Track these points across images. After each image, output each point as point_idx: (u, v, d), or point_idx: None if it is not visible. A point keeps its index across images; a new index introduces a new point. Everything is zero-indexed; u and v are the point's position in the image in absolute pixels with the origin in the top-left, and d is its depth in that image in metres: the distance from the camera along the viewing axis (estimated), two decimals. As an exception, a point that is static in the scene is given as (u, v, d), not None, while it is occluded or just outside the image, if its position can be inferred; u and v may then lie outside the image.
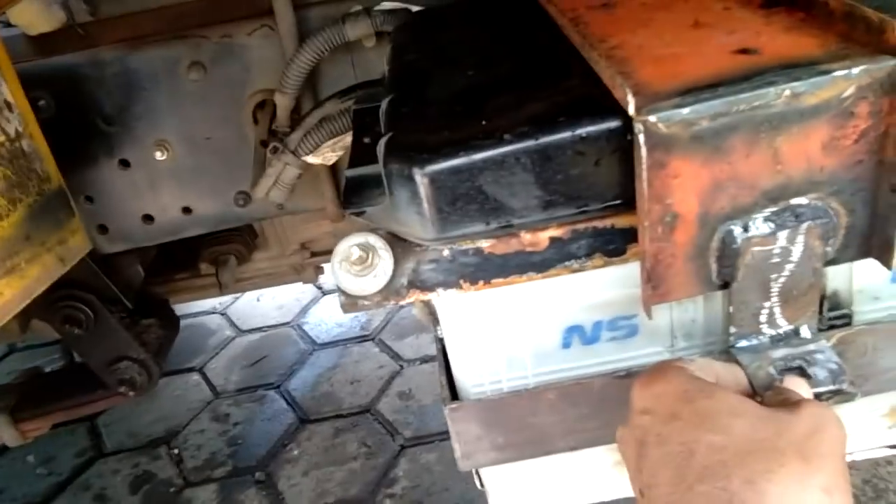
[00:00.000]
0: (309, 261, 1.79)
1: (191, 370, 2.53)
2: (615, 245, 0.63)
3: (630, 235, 0.62)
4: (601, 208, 0.61)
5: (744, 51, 0.60)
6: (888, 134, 0.55)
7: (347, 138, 1.03)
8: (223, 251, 1.64)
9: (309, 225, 1.68)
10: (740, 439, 0.48)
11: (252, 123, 1.22)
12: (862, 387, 0.67)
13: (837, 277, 0.69)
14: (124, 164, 1.28)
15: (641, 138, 0.53)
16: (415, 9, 1.08)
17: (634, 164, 0.55)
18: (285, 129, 1.15)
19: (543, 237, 0.63)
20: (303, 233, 1.71)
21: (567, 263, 0.64)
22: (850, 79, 0.53)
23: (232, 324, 2.78)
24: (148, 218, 1.34)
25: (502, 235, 0.62)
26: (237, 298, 2.89)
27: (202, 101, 1.21)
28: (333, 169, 1.23)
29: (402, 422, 2.15)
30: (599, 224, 0.62)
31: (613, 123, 0.57)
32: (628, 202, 0.60)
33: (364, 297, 0.65)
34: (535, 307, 0.69)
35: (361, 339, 2.57)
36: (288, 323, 2.73)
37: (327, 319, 2.71)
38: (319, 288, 2.86)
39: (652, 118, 0.53)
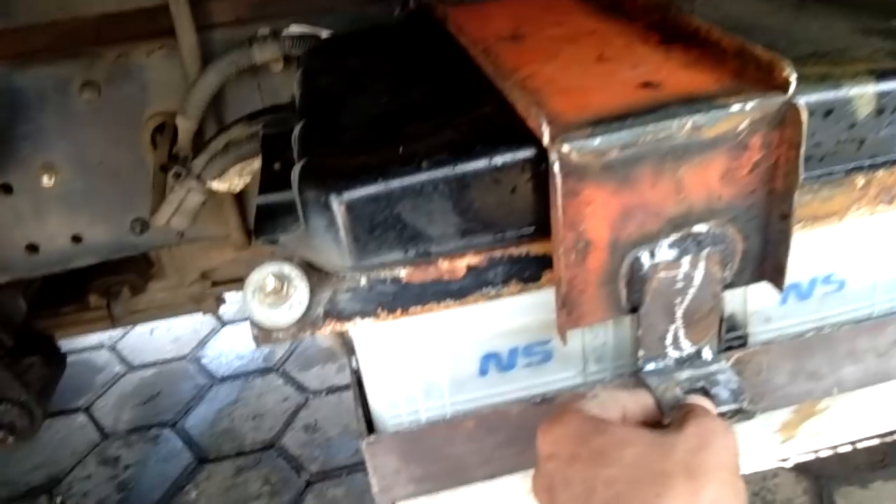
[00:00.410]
0: (210, 290, 1.72)
1: (76, 410, 2.36)
2: (530, 272, 0.64)
3: (544, 262, 0.63)
4: (517, 236, 0.62)
5: (647, 84, 0.63)
6: (778, 165, 0.60)
7: (255, 164, 1.00)
8: (115, 282, 1.55)
9: (210, 253, 1.61)
10: (631, 469, 0.50)
11: (150, 147, 1.16)
12: (758, 404, 0.71)
13: (733, 301, 0.73)
14: (5, 189, 1.19)
15: (556, 167, 0.54)
16: (324, 34, 1.07)
17: (549, 192, 0.56)
18: (187, 153, 1.11)
19: (461, 265, 0.63)
20: (203, 261, 1.64)
21: (484, 291, 0.64)
22: (744, 113, 0.57)
23: (122, 359, 2.62)
24: (32, 248, 1.25)
25: (420, 263, 0.62)
26: (127, 332, 2.73)
27: (95, 122, 1.14)
28: (238, 195, 1.19)
29: (308, 456, 2.09)
30: (515, 251, 0.63)
31: (529, 152, 0.59)
32: (543, 230, 0.61)
33: (278, 329, 0.63)
34: (452, 335, 0.69)
35: (264, 371, 2.49)
36: (184, 356, 2.61)
37: (227, 351, 2.61)
38: (219, 318, 2.75)
39: (566, 147, 0.54)
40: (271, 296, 0.62)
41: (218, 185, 1.03)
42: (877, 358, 0.76)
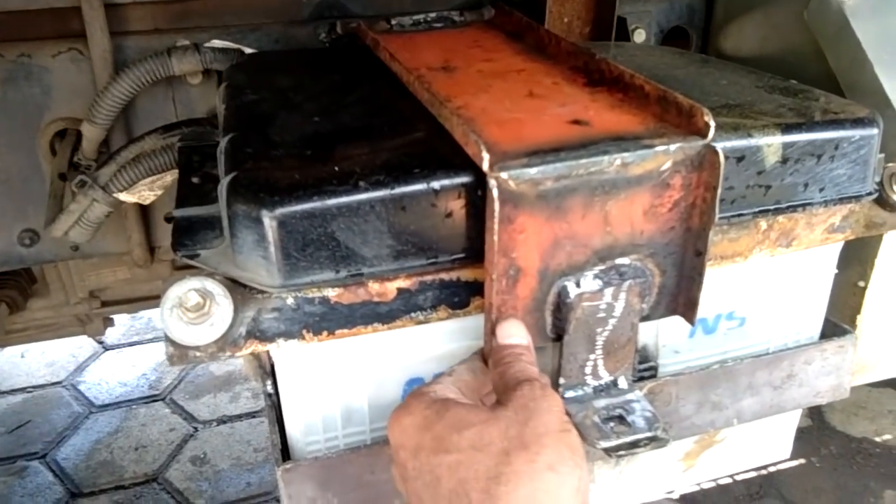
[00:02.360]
0: (98, 311, 1.60)
1: (-69, 440, 2.14)
2: (460, 297, 0.64)
3: (474, 288, 0.64)
4: (449, 261, 0.62)
5: (577, 122, 0.66)
6: (695, 205, 0.63)
7: (168, 177, 0.96)
8: (-10, 297, 1.42)
9: (102, 271, 1.51)
10: (470, 452, 0.50)
11: (49, 154, 1.08)
12: (668, 433, 0.74)
13: (646, 333, 0.76)
14: None
15: (495, 192, 0.55)
16: (247, 51, 1.05)
17: (486, 217, 0.57)
18: (90, 162, 1.04)
19: (391, 288, 0.62)
20: (93, 280, 1.54)
21: (413, 315, 0.64)
22: (668, 154, 0.60)
23: (-12, 384, 2.40)
24: None
25: (350, 284, 0.61)
26: (-5, 354, 2.51)
27: (-12, 124, 1.06)
28: (143, 209, 1.13)
29: (194, 490, 1.98)
30: (446, 276, 0.63)
31: (467, 178, 0.59)
32: (474, 256, 0.62)
33: (196, 349, 0.60)
34: (376, 359, 0.68)
35: (150, 399, 2.35)
36: (60, 382, 2.43)
37: (109, 378, 2.45)
38: (101, 342, 2.58)
39: (504, 174, 0.56)
40: (191, 312, 0.59)
41: (126, 197, 0.98)
42: (772, 391, 0.81)
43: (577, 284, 0.63)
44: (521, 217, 0.58)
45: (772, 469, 1.99)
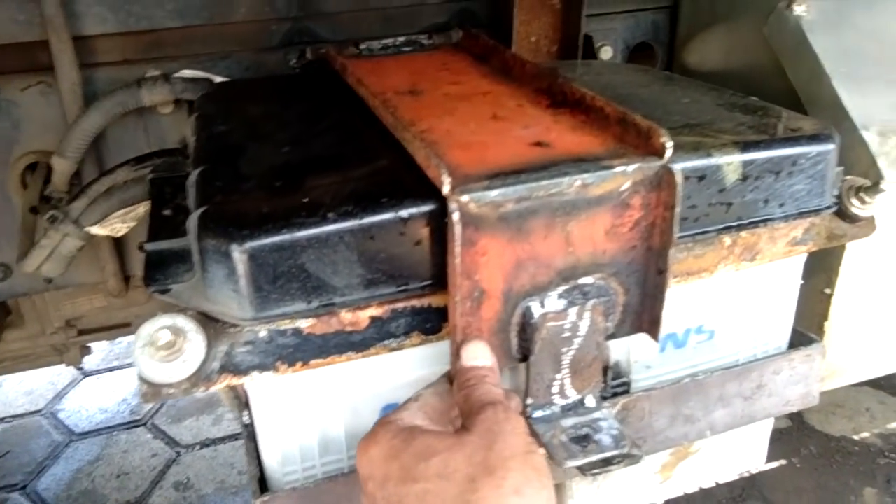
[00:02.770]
0: (74, 340, 1.59)
1: None
2: (431, 323, 0.65)
3: (445, 314, 0.65)
4: (420, 287, 0.63)
5: (539, 143, 0.68)
6: (655, 224, 0.65)
7: (140, 209, 0.96)
8: (-36, 331, 1.41)
9: (77, 300, 1.50)
10: (437, 481, 0.51)
11: (19, 188, 1.08)
12: (642, 448, 0.75)
13: (618, 349, 0.78)
14: None
15: (455, 216, 0.56)
16: (217, 79, 1.05)
17: (447, 240, 0.58)
18: (62, 195, 1.04)
19: (364, 316, 0.63)
20: (69, 309, 1.53)
21: (386, 342, 0.64)
22: (627, 174, 0.62)
23: (-36, 415, 2.37)
24: None
25: (322, 315, 0.62)
26: (-29, 385, 2.48)
27: (-43, 158, 1.05)
28: (116, 239, 1.13)
29: (178, 516, 1.96)
30: (417, 303, 0.64)
31: (433, 205, 0.60)
32: (444, 282, 0.63)
33: (170, 386, 0.60)
34: (351, 387, 0.69)
35: (131, 424, 2.32)
36: (39, 411, 2.39)
37: (88, 405, 2.42)
38: (80, 369, 2.55)
39: (465, 198, 0.57)
40: (163, 350, 0.59)
41: (98, 230, 0.98)
42: (743, 402, 0.83)
43: (542, 305, 0.64)
44: (483, 239, 0.59)
45: (753, 471, 2.01)
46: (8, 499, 2.03)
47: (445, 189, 0.57)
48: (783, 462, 2.10)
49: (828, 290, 0.98)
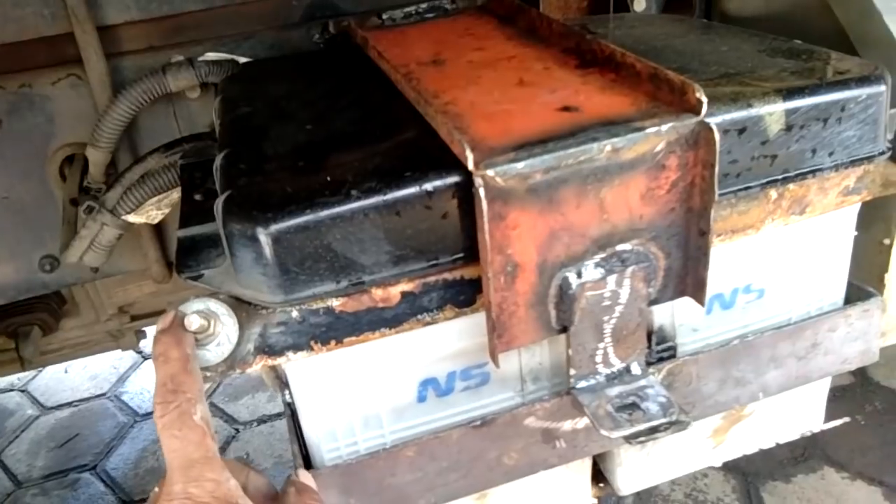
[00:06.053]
0: (128, 325, 1.64)
1: (-15, 459, 2.21)
2: (465, 296, 0.64)
3: (478, 286, 0.63)
4: (450, 260, 0.62)
5: (566, 108, 0.64)
6: (694, 184, 0.62)
7: (174, 195, 0.97)
8: (24, 322, 1.46)
9: (128, 287, 1.54)
10: None
11: (59, 180, 1.10)
12: (690, 413, 0.73)
13: (662, 313, 0.75)
14: None
15: (481, 192, 0.55)
16: (242, 60, 1.05)
17: (476, 217, 0.56)
18: (100, 185, 1.06)
19: (395, 292, 0.62)
20: (121, 296, 1.57)
21: (419, 317, 0.63)
22: (660, 135, 0.59)
23: (35, 401, 2.48)
24: (-69, 290, 1.16)
25: (353, 293, 0.61)
26: (40, 372, 2.58)
27: (-1, 156, 1.08)
28: (157, 226, 1.15)
29: (240, 490, 2.02)
30: (449, 276, 0.63)
31: (458, 177, 0.59)
32: (475, 253, 0.61)
33: (206, 369, 0.60)
34: (388, 363, 0.68)
35: (190, 404, 2.39)
36: (104, 394, 2.49)
37: (150, 386, 2.50)
38: (139, 352, 2.64)
39: (490, 172, 0.55)
40: (198, 334, 0.59)
41: (134, 219, 0.99)
42: (797, 362, 0.79)
43: (579, 275, 0.62)
44: (513, 213, 0.57)
45: (815, 430, 1.96)
46: (80, 479, 2.13)
47: (470, 164, 0.55)
48: (846, 419, 2.04)
49: (887, 241, 0.93)
